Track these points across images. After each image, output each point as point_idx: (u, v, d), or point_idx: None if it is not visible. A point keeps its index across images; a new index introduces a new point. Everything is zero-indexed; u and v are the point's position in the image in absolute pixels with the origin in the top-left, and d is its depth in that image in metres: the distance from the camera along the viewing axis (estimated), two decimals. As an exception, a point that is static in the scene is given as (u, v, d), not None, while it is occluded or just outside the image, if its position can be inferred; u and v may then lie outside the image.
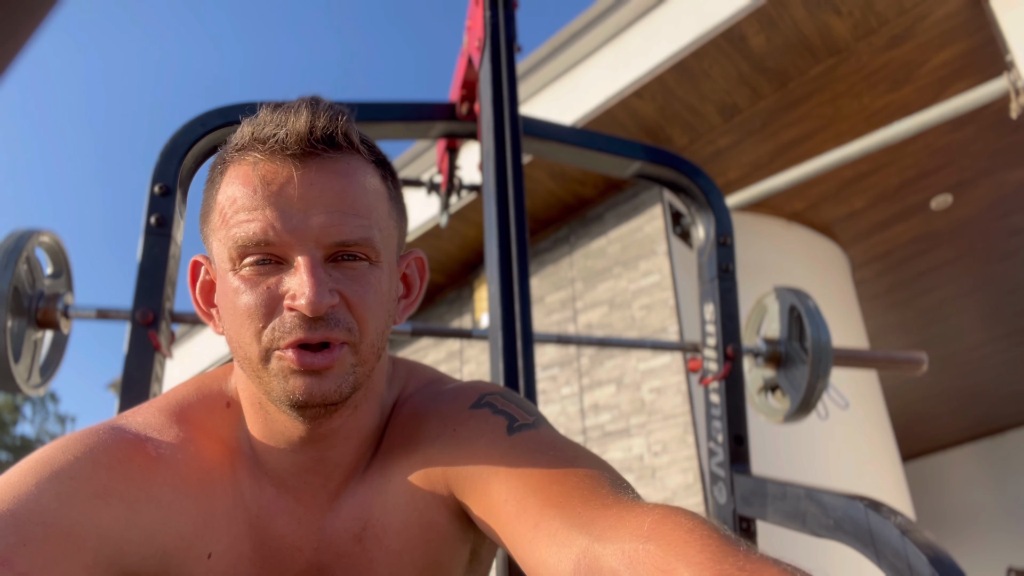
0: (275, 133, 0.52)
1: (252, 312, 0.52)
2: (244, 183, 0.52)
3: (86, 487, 0.51)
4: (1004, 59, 2.62)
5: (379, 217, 0.55)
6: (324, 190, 0.52)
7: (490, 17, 0.91)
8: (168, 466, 0.55)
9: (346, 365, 0.53)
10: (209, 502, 0.56)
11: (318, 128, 0.52)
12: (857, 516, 0.78)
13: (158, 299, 0.98)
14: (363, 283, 0.54)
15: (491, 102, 0.86)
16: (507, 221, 0.78)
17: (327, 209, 0.52)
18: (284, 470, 0.59)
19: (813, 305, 1.20)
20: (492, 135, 0.84)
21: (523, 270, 0.76)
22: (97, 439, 0.54)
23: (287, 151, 0.52)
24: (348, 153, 0.54)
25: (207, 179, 0.57)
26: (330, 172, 0.53)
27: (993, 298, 5.06)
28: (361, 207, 0.54)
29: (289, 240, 0.51)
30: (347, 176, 0.54)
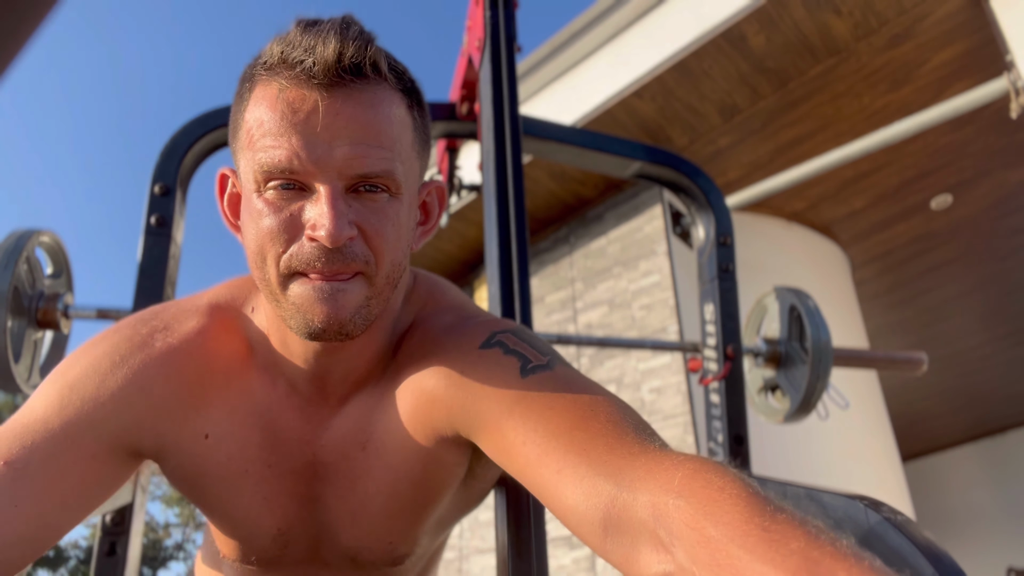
0: (303, 59, 0.52)
1: (274, 237, 0.53)
2: (271, 107, 0.53)
3: (82, 392, 0.58)
4: (1004, 59, 2.62)
5: (402, 148, 0.56)
6: (349, 121, 0.52)
7: (490, 17, 0.91)
8: (166, 359, 0.60)
9: (361, 296, 0.55)
10: (204, 389, 0.61)
11: (346, 57, 0.52)
12: (857, 516, 0.78)
13: (158, 299, 0.98)
14: (382, 216, 0.55)
15: (491, 102, 0.86)
16: (507, 221, 0.78)
17: (351, 140, 0.52)
18: (296, 375, 0.62)
19: (813, 305, 1.20)
20: (492, 135, 0.84)
21: (523, 270, 0.76)
22: (106, 344, 0.61)
23: (314, 80, 0.52)
24: (375, 83, 0.54)
25: (236, 92, 0.58)
26: (356, 103, 0.53)
27: (993, 298, 5.05)
28: (385, 139, 0.54)
29: (312, 169, 0.52)
30: (373, 107, 0.54)
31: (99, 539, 0.86)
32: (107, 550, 0.86)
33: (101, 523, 0.87)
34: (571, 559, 3.06)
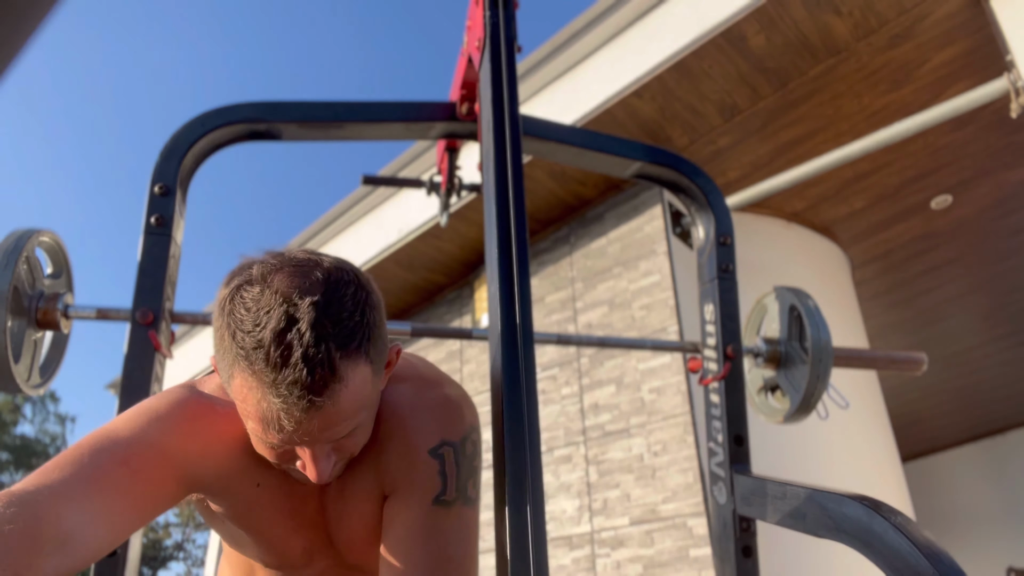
0: (281, 416, 0.63)
1: (271, 457, 0.69)
2: (255, 418, 0.64)
3: (177, 428, 0.72)
4: (1004, 59, 2.62)
5: (368, 398, 0.67)
6: (323, 426, 0.64)
7: (490, 17, 0.91)
8: (230, 422, 0.75)
9: (341, 466, 0.73)
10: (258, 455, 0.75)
11: (317, 399, 0.62)
12: (857, 516, 0.78)
13: (158, 299, 0.98)
14: (357, 438, 0.69)
15: (491, 102, 0.86)
16: (507, 221, 0.78)
17: (328, 434, 0.65)
18: None
19: (813, 305, 1.20)
20: (492, 135, 0.84)
21: (523, 270, 0.76)
22: (184, 397, 0.75)
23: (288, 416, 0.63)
24: (342, 385, 0.63)
25: (216, 327, 0.66)
26: (328, 413, 0.63)
27: (993, 298, 5.05)
28: (353, 412, 0.65)
29: (295, 443, 0.66)
30: (342, 407, 0.64)
31: (99, 539, 0.86)
32: (107, 550, 0.86)
33: (101, 523, 0.87)
34: (571, 559, 3.06)
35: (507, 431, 0.69)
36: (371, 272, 4.12)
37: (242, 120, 1.09)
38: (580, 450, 3.19)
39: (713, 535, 1.09)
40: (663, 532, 2.81)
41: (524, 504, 0.67)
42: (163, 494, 0.71)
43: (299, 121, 1.11)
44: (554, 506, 3.19)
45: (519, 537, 0.65)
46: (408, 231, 3.84)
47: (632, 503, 2.94)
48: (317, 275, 0.65)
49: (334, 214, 4.41)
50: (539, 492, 0.67)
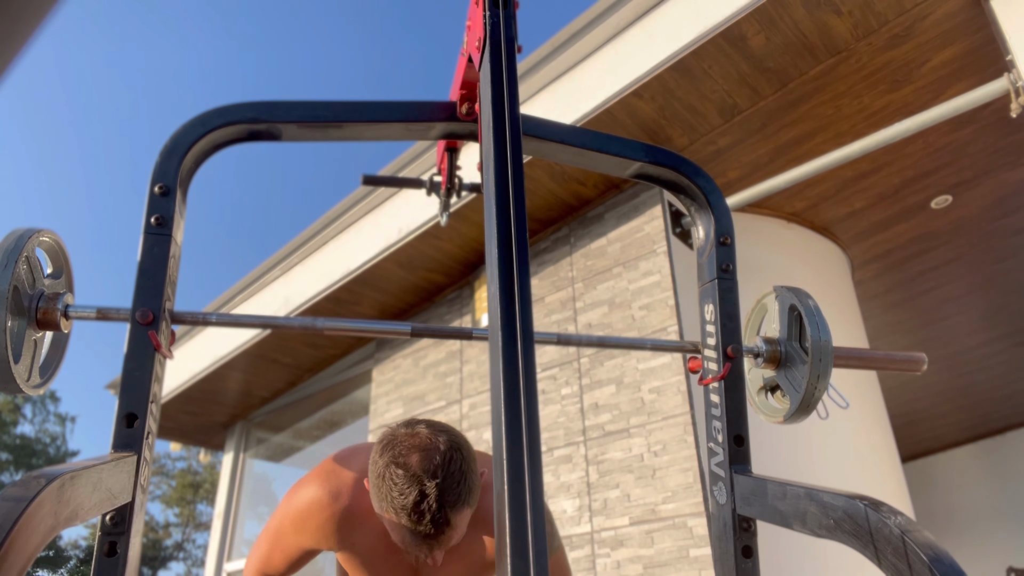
0: (413, 540, 1.06)
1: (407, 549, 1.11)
2: (398, 538, 1.08)
3: (301, 525, 1.21)
4: (1004, 59, 2.62)
5: (466, 525, 1.12)
6: (440, 549, 1.06)
7: (490, 17, 0.91)
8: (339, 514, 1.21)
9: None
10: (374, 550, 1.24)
11: (436, 539, 1.05)
12: (857, 516, 0.78)
13: (158, 299, 0.98)
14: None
15: (491, 102, 0.86)
16: (507, 221, 0.78)
17: (442, 549, 1.07)
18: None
19: (813, 305, 1.20)
20: (492, 135, 0.84)
21: (523, 270, 0.76)
22: (310, 502, 1.22)
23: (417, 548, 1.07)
24: (451, 528, 1.06)
25: (375, 481, 1.09)
26: (443, 544, 1.06)
27: (993, 298, 5.06)
28: (457, 538, 1.09)
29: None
30: (451, 539, 1.08)
31: (99, 539, 0.86)
32: (107, 550, 0.86)
33: (101, 523, 0.87)
34: (571, 559, 3.06)
35: (507, 431, 0.69)
36: (371, 272, 4.13)
37: (242, 120, 1.09)
38: (580, 450, 3.19)
39: (713, 535, 1.09)
40: (663, 532, 2.81)
41: (524, 504, 0.67)
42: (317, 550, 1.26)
43: (299, 121, 1.11)
44: (554, 506, 3.19)
45: (519, 537, 0.65)
46: (408, 231, 3.84)
47: (632, 503, 2.94)
48: (437, 459, 1.04)
49: (334, 214, 4.41)
50: (539, 492, 0.67)
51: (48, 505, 0.67)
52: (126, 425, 0.92)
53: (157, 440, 1.54)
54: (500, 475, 0.70)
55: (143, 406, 0.93)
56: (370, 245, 4.10)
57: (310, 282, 4.52)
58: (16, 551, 0.61)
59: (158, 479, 21.23)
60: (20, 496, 0.64)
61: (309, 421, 5.89)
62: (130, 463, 0.89)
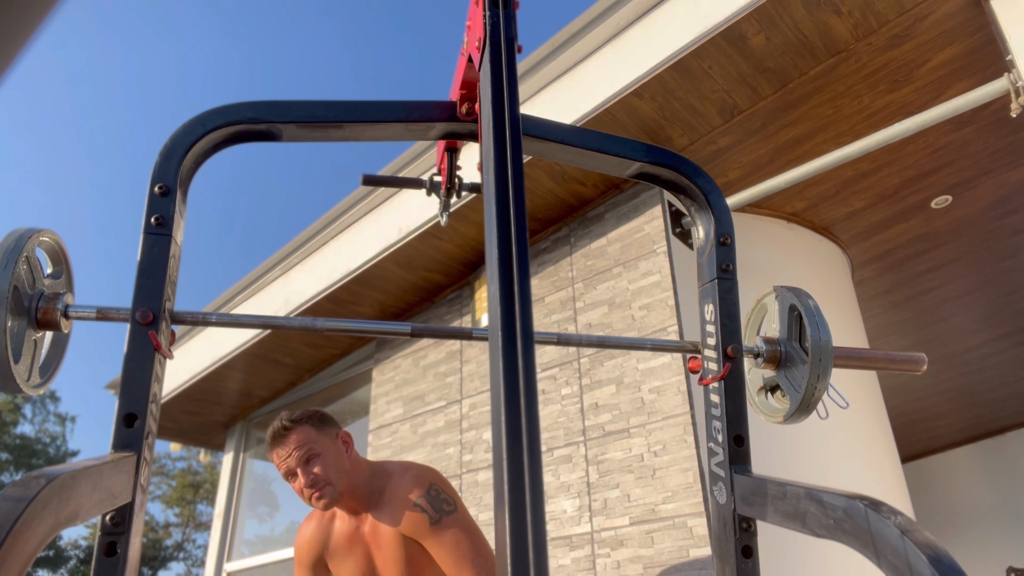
0: (269, 437, 1.83)
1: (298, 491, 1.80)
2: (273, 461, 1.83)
3: (310, 532, 1.95)
4: (1004, 59, 2.62)
5: (315, 440, 1.78)
6: (292, 449, 1.77)
7: (490, 17, 0.91)
8: (327, 518, 1.94)
9: (329, 493, 1.75)
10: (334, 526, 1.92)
11: (281, 428, 1.79)
12: (857, 516, 0.78)
13: (158, 299, 0.98)
14: (318, 470, 1.75)
15: (491, 102, 0.86)
16: (507, 221, 0.78)
17: (296, 456, 1.76)
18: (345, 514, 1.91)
19: (813, 305, 1.20)
20: (492, 135, 0.84)
21: (523, 270, 0.76)
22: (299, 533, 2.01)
23: (272, 443, 1.81)
24: (295, 429, 1.78)
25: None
26: (292, 441, 1.77)
27: (993, 298, 5.06)
28: (305, 443, 1.76)
29: (289, 469, 1.80)
30: (296, 438, 1.78)
31: (99, 539, 0.86)
32: (107, 550, 0.86)
33: (101, 523, 0.87)
34: (571, 559, 3.06)
35: (507, 431, 0.69)
36: (371, 272, 4.13)
37: (242, 120, 1.09)
38: (580, 450, 3.19)
39: (713, 535, 1.09)
40: (663, 532, 2.81)
41: (524, 504, 0.67)
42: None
43: (299, 121, 1.11)
44: (554, 506, 3.19)
45: (519, 537, 0.65)
46: (408, 231, 3.84)
47: (632, 503, 2.94)
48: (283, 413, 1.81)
49: (334, 214, 4.41)
50: (539, 492, 0.67)
51: (48, 505, 0.67)
52: (126, 425, 0.92)
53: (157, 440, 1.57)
54: (500, 475, 0.70)
55: (143, 406, 0.93)
56: (370, 245, 4.10)
57: (310, 282, 4.52)
58: (16, 551, 0.61)
59: (158, 479, 21.22)
60: (20, 496, 0.64)
61: (309, 421, 5.88)
62: (130, 463, 0.89)
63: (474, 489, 3.60)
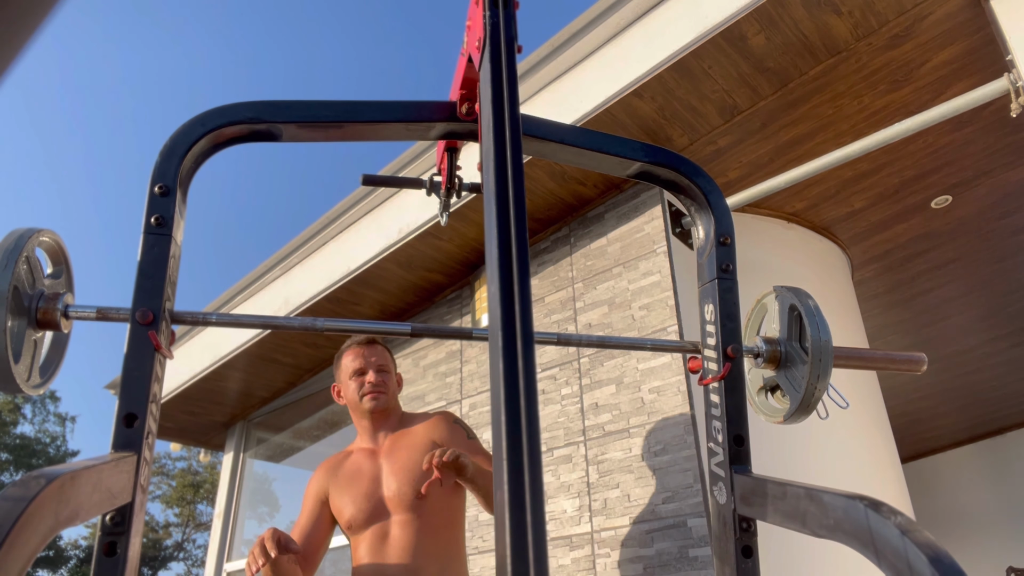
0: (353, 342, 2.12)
1: (355, 385, 2.07)
2: (348, 357, 2.11)
3: (320, 471, 2.07)
4: (1004, 59, 2.62)
5: (388, 363, 2.13)
6: (374, 357, 2.09)
7: (490, 17, 0.91)
8: (342, 456, 2.10)
9: (383, 400, 2.05)
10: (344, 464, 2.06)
11: (371, 338, 2.10)
12: (857, 516, 0.78)
13: (158, 299, 0.98)
14: (387, 383, 2.08)
15: (491, 102, 0.86)
16: (507, 221, 0.78)
17: (375, 362, 2.09)
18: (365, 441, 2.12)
19: (813, 305, 1.20)
20: (492, 135, 0.84)
21: (523, 270, 0.76)
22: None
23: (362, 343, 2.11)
24: (382, 345, 2.14)
25: (335, 366, 2.23)
26: (378, 350, 2.11)
27: (993, 298, 5.06)
28: (383, 360, 2.11)
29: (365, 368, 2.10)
30: (380, 349, 2.12)
31: (99, 539, 0.86)
32: (107, 550, 0.86)
33: (101, 523, 0.87)
34: (571, 559, 3.06)
35: (507, 431, 0.69)
36: (371, 272, 4.13)
37: (242, 120, 1.09)
38: (580, 450, 3.19)
39: (713, 535, 1.09)
40: (663, 532, 2.81)
41: (524, 504, 0.67)
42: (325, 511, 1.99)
43: (299, 121, 1.11)
44: (554, 506, 3.19)
45: (519, 537, 0.65)
46: (408, 231, 3.84)
47: (632, 503, 2.94)
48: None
49: (334, 214, 4.41)
50: (539, 492, 0.67)
51: (48, 505, 0.67)
52: (126, 425, 0.92)
53: (157, 440, 1.55)
54: (500, 475, 0.70)
55: (143, 406, 0.93)
56: (370, 245, 4.10)
57: (310, 282, 4.52)
58: (16, 551, 0.61)
59: (158, 479, 21.22)
60: (20, 496, 0.64)
61: (309, 421, 5.89)
62: (130, 463, 0.89)
63: (474, 489, 3.60)
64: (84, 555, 19.42)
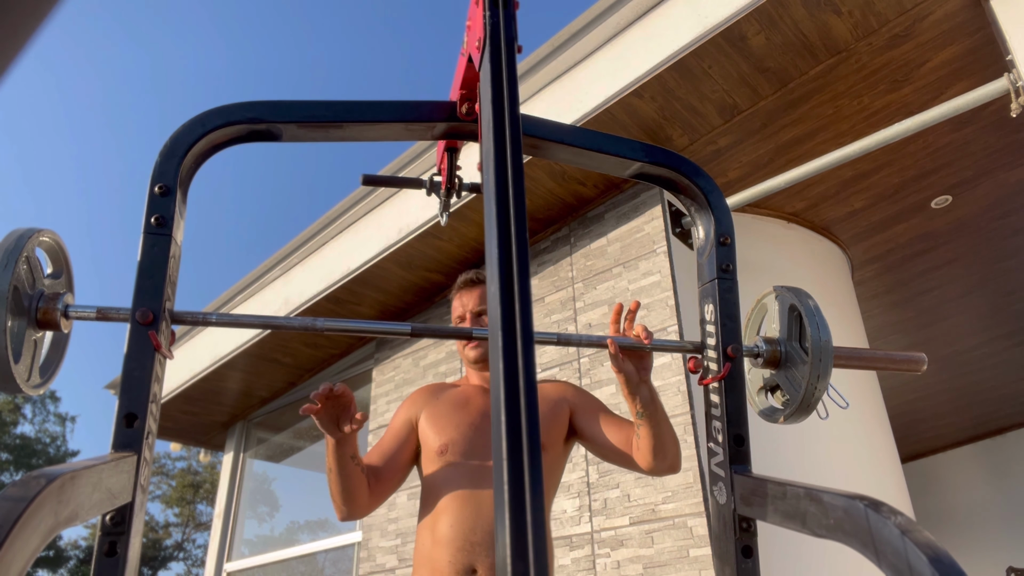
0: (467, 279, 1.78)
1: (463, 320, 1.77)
2: (456, 300, 1.78)
3: (415, 394, 1.75)
4: (1004, 59, 2.62)
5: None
6: (474, 297, 1.76)
7: (490, 17, 0.91)
8: (446, 384, 1.79)
9: (485, 349, 1.67)
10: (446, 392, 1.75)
11: (471, 278, 1.77)
12: (857, 516, 0.78)
13: (158, 299, 0.98)
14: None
15: (491, 102, 0.86)
16: (507, 221, 0.78)
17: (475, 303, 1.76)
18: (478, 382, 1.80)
19: (813, 305, 1.20)
20: (492, 135, 0.84)
21: (523, 270, 0.76)
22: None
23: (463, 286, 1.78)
24: (482, 284, 1.76)
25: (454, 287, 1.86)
26: (477, 290, 1.78)
27: (993, 298, 5.06)
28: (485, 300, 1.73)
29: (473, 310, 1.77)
30: (481, 289, 1.78)
31: (99, 539, 0.86)
32: (107, 550, 0.86)
33: (101, 523, 0.87)
34: (571, 559, 3.06)
35: (507, 431, 0.69)
36: (371, 272, 4.13)
37: (242, 120, 1.09)
38: (580, 450, 3.19)
39: (713, 535, 1.09)
40: (663, 532, 2.81)
41: (524, 504, 0.67)
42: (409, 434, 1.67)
43: (299, 121, 1.11)
44: (554, 506, 3.19)
45: (519, 537, 0.65)
46: (408, 231, 3.84)
47: (632, 503, 2.94)
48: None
49: (334, 214, 4.41)
50: (539, 492, 0.67)
51: (48, 505, 0.67)
52: (126, 425, 0.92)
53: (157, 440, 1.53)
54: (500, 475, 0.70)
55: (143, 406, 0.93)
56: (370, 245, 4.10)
57: (310, 282, 4.52)
58: (16, 551, 0.61)
59: (158, 479, 21.23)
60: (20, 496, 0.64)
61: (309, 421, 5.88)
62: (130, 463, 0.89)
63: (474, 489, 3.60)
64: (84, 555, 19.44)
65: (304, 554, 5.08)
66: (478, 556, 1.45)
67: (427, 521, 1.55)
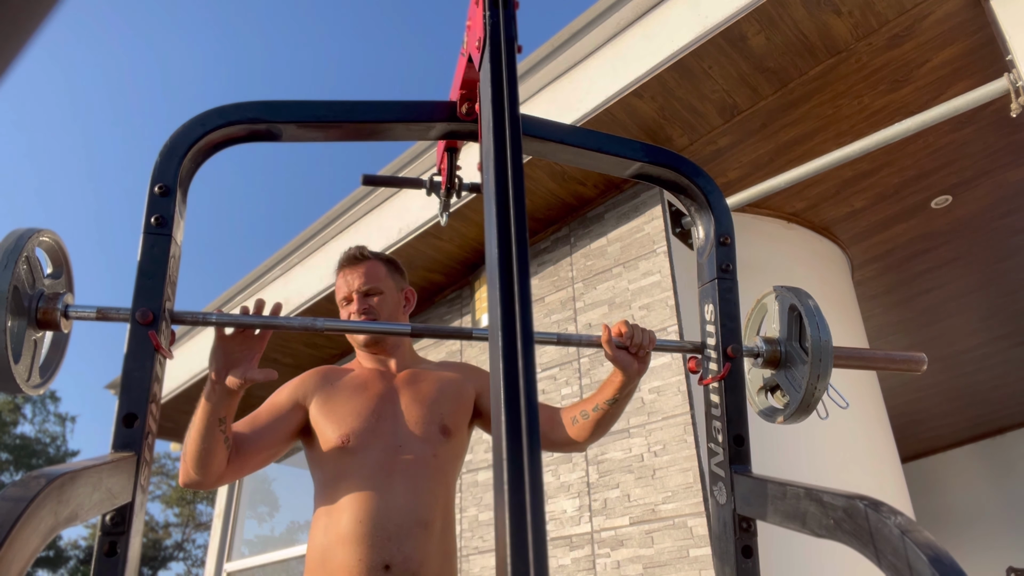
0: (343, 259, 1.66)
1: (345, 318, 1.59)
2: (336, 284, 1.65)
3: (307, 374, 1.57)
4: (1004, 59, 2.62)
5: (382, 279, 1.65)
6: (357, 275, 1.61)
7: (490, 17, 0.91)
8: (341, 369, 1.61)
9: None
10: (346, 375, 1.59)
11: (353, 254, 1.65)
12: (857, 516, 0.78)
13: (158, 299, 0.98)
14: (379, 305, 1.62)
15: (491, 102, 0.86)
16: (507, 221, 0.78)
17: (359, 281, 1.61)
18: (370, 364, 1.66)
19: (813, 305, 1.20)
20: (492, 135, 0.84)
21: (523, 270, 0.76)
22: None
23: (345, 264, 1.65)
24: (366, 261, 1.64)
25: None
26: (361, 269, 1.62)
27: (993, 298, 5.05)
28: (372, 277, 1.62)
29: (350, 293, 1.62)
30: (365, 268, 1.63)
31: (99, 539, 0.86)
32: (107, 550, 0.86)
33: (101, 523, 0.87)
34: (571, 559, 3.06)
35: (507, 431, 0.69)
36: (371, 272, 4.13)
37: (242, 120, 1.09)
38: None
39: (713, 535, 1.09)
40: (663, 532, 2.81)
41: (524, 504, 0.67)
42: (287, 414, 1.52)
43: (299, 121, 1.11)
44: (554, 506, 3.19)
45: (519, 537, 0.65)
46: (408, 231, 3.84)
47: (632, 503, 2.94)
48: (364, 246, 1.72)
49: (334, 214, 4.41)
50: (539, 492, 0.67)
51: (48, 505, 0.67)
52: (126, 425, 0.92)
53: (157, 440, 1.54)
54: (500, 475, 0.70)
55: (143, 406, 0.93)
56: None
57: (310, 282, 4.52)
58: (16, 551, 0.61)
59: (158, 479, 21.23)
60: (20, 496, 0.64)
61: (309, 421, 5.89)
62: (130, 463, 0.89)
63: (474, 489, 3.60)
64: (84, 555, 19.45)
65: (304, 554, 5.08)
66: (391, 551, 1.34)
67: (326, 518, 1.43)
